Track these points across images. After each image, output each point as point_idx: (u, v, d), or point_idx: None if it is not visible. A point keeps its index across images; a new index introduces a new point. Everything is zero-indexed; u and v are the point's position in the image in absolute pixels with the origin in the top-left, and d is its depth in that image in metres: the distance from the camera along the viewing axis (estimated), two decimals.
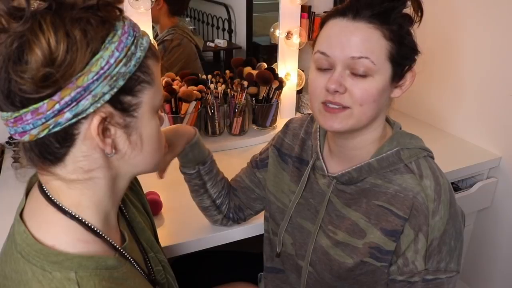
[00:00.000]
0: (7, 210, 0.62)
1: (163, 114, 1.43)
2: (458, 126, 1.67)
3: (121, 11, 0.53)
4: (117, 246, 0.61)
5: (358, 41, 0.68)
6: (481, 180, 1.54)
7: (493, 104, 1.51)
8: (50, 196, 0.56)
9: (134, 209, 0.74)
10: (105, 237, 0.59)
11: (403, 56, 0.72)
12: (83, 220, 0.57)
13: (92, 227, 0.57)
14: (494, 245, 1.63)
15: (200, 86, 1.47)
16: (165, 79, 1.47)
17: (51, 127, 0.50)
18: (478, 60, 1.53)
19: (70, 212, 0.56)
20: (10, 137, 1.40)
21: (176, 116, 1.44)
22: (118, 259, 0.58)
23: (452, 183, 1.58)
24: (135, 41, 0.53)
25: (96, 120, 0.51)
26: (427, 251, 0.73)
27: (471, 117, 1.61)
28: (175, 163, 0.93)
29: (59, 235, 0.55)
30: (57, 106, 0.49)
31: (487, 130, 1.56)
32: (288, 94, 1.66)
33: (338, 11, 0.71)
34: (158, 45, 1.62)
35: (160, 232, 0.85)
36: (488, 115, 1.54)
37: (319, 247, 0.84)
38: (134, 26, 0.55)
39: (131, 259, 0.63)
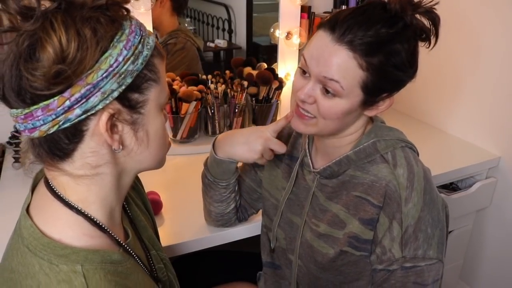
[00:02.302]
0: (7, 210, 0.62)
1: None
2: (457, 126, 1.67)
3: (128, 11, 0.55)
4: (121, 242, 0.62)
5: (333, 64, 0.69)
6: (480, 180, 1.55)
7: (492, 104, 1.52)
8: (57, 191, 0.57)
9: (136, 207, 0.75)
10: (110, 232, 0.60)
11: (379, 88, 0.72)
12: (89, 215, 0.58)
13: (98, 222, 0.59)
14: (493, 245, 1.64)
15: (200, 86, 1.47)
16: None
17: (61, 123, 0.51)
18: (477, 60, 1.53)
19: (76, 207, 0.57)
20: (11, 137, 1.40)
21: (176, 116, 1.45)
22: (122, 254, 0.59)
23: (452, 183, 1.58)
24: (142, 40, 0.55)
25: (104, 117, 0.53)
26: (402, 238, 0.74)
27: (470, 117, 1.61)
28: (176, 164, 0.93)
29: (65, 229, 0.56)
30: (67, 103, 0.50)
31: (486, 130, 1.56)
32: (288, 94, 1.66)
33: (329, 23, 0.70)
34: None
35: (160, 232, 0.86)
36: (487, 115, 1.55)
37: (304, 241, 0.86)
38: (140, 26, 0.56)
39: (134, 255, 0.64)
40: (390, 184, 0.75)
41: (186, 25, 1.79)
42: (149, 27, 1.36)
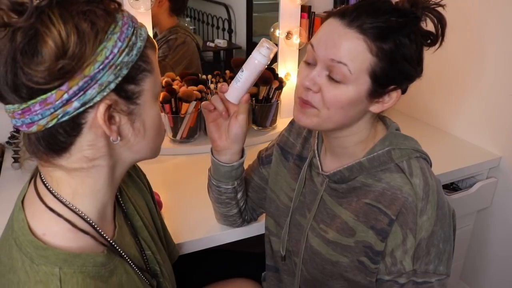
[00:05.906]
0: (7, 211, 0.62)
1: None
2: (458, 126, 1.67)
3: (119, 4, 0.56)
4: (108, 239, 0.62)
5: (342, 46, 0.68)
6: (481, 180, 1.54)
7: (493, 104, 1.51)
8: (48, 186, 0.58)
9: (134, 206, 0.75)
10: (97, 228, 0.60)
11: (388, 77, 0.70)
12: (77, 210, 0.58)
13: (86, 217, 0.59)
14: (494, 245, 1.63)
15: (200, 86, 1.46)
16: (165, 79, 1.47)
17: (59, 116, 0.51)
18: (479, 60, 1.53)
19: (64, 201, 0.57)
20: (10, 137, 1.39)
21: (176, 116, 1.44)
22: (107, 256, 0.60)
23: (452, 183, 1.58)
24: (135, 31, 0.56)
25: (102, 108, 0.53)
26: (415, 252, 0.73)
27: (471, 117, 1.61)
28: (176, 164, 0.93)
29: (51, 223, 0.57)
30: (65, 96, 0.50)
31: (487, 130, 1.56)
32: (288, 94, 1.66)
33: (339, 12, 0.71)
34: (162, 44, 1.63)
35: None
36: (488, 115, 1.54)
37: (309, 246, 0.84)
38: (132, 18, 0.57)
39: (122, 252, 0.64)
40: (406, 195, 0.73)
41: (186, 24, 1.79)
42: (148, 26, 1.36)
